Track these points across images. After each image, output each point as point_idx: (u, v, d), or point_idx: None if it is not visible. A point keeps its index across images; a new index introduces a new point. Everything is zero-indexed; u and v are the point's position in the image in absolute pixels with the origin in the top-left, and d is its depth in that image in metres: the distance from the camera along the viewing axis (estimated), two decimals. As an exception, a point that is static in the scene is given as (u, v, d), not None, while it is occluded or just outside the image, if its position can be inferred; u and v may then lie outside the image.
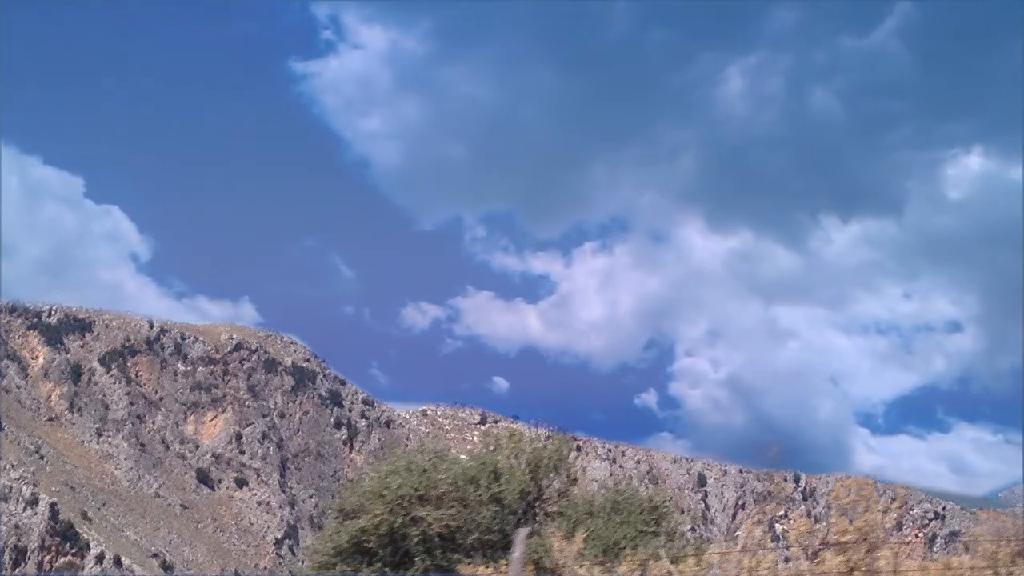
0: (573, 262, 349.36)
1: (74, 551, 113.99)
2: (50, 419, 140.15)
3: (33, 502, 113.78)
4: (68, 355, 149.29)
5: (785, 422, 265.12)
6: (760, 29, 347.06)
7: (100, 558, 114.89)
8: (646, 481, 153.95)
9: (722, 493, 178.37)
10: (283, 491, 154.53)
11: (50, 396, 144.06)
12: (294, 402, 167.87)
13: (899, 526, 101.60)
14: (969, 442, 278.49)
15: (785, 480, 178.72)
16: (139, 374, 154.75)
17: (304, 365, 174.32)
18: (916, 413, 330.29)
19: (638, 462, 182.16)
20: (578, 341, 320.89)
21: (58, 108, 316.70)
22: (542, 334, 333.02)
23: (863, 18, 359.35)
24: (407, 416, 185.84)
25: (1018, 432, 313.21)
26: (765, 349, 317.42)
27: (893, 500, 10.97)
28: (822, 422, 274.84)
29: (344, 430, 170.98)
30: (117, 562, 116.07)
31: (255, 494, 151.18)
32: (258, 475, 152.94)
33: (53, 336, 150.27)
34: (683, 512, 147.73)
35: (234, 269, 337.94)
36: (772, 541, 11.65)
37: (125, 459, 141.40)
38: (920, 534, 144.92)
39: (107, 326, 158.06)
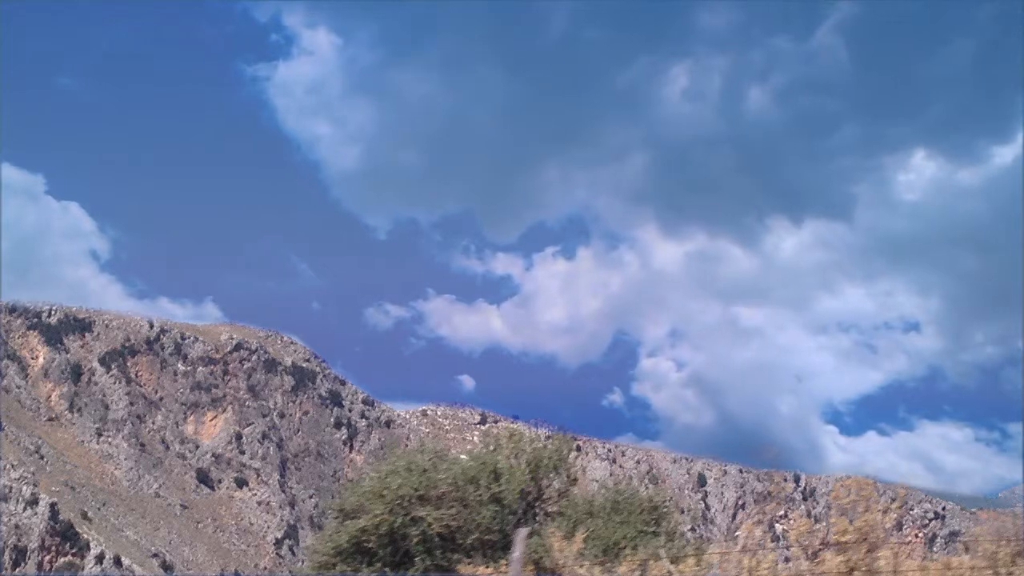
0: (534, 264, 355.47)
1: (74, 551, 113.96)
2: (50, 419, 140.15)
3: (33, 502, 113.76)
4: (68, 355, 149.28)
5: (752, 421, 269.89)
6: (698, 29, 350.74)
7: (100, 558, 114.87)
8: (646, 481, 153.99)
9: (722, 493, 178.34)
10: (283, 491, 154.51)
11: (50, 396, 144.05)
12: (294, 402, 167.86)
13: (899, 526, 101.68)
14: (937, 439, 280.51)
15: (785, 480, 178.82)
16: (139, 374, 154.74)
17: (304, 365, 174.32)
18: (881, 411, 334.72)
19: (638, 462, 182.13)
20: (543, 342, 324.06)
21: (17, 106, 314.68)
22: (506, 335, 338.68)
23: (803, 19, 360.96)
24: (407, 416, 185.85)
25: (987, 430, 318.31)
26: (728, 349, 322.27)
27: (893, 500, 10.97)
28: (790, 420, 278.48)
29: (344, 430, 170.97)
30: (117, 562, 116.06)
31: (255, 494, 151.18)
32: (258, 475, 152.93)
33: (53, 336, 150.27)
34: (683, 512, 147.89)
35: (195, 268, 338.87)
36: (772, 541, 11.66)
37: (125, 459, 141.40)
38: (920, 534, 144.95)
39: (107, 326, 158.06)
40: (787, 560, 10.64)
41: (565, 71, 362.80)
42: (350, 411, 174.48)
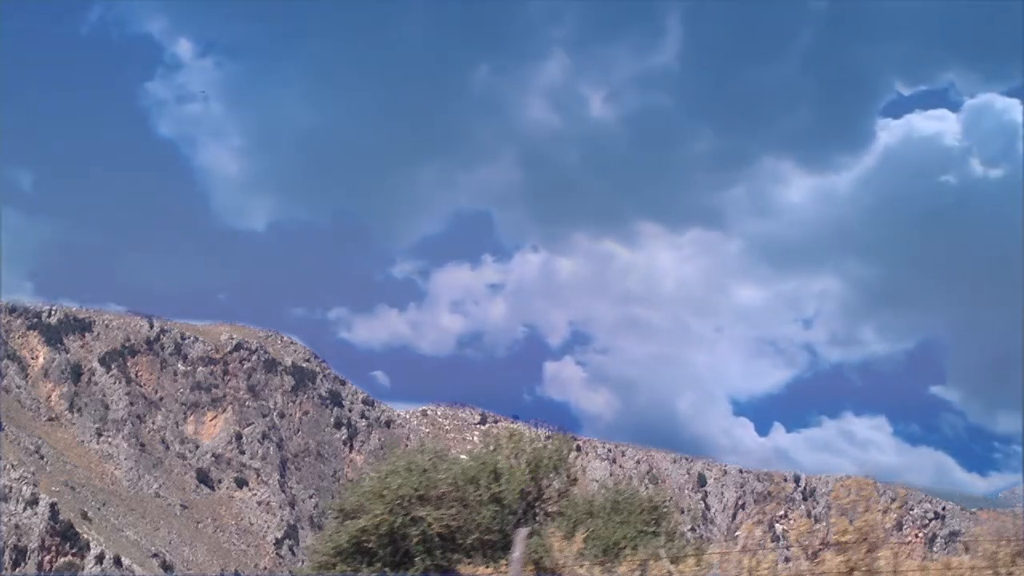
0: (435, 268, 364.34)
1: (74, 551, 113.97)
2: (50, 419, 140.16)
3: (33, 502, 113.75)
4: (68, 355, 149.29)
5: (665, 416, 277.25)
6: (541, 35, 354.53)
7: (100, 558, 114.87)
8: (646, 481, 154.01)
9: (722, 493, 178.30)
10: (283, 491, 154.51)
11: (50, 396, 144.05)
12: (294, 402, 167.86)
13: (899, 526, 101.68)
14: (842, 434, 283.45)
15: (785, 480, 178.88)
16: (139, 374, 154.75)
17: (304, 365, 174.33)
18: (788, 406, 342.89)
19: (638, 462, 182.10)
20: (449, 343, 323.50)
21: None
22: (412, 338, 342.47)
23: (650, 28, 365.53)
24: (407, 416, 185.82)
25: (900, 423, 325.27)
26: (629, 345, 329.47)
27: (893, 500, 10.98)
28: (700, 414, 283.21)
29: (344, 430, 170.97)
30: (117, 562, 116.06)
31: (255, 494, 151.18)
32: (258, 475, 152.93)
33: (53, 336, 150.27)
34: (683, 512, 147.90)
35: (77, 275, 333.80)
36: (772, 541, 11.66)
37: (125, 459, 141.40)
38: (920, 534, 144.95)
39: (107, 326, 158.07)
40: (787, 560, 10.64)
41: (425, 75, 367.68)
42: (350, 411, 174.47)
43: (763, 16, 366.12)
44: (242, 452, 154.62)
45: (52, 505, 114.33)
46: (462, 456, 17.57)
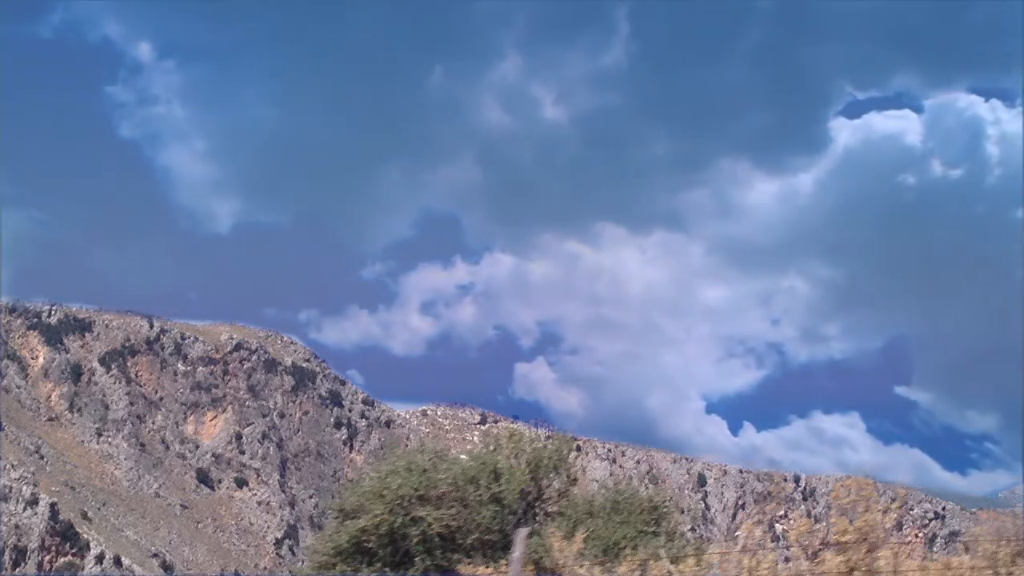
0: (405, 270, 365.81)
1: (74, 551, 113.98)
2: (50, 419, 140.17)
3: (33, 502, 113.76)
4: (68, 355, 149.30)
5: (638, 415, 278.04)
6: (500, 38, 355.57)
7: (100, 558, 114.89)
8: (646, 481, 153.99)
9: (722, 493, 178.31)
10: (283, 491, 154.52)
11: (50, 396, 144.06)
12: (294, 402, 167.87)
13: (899, 526, 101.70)
14: (813, 432, 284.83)
15: (785, 480, 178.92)
16: (139, 374, 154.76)
17: (304, 365, 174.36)
18: (758, 406, 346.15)
19: (638, 462, 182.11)
20: (420, 345, 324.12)
21: None
22: (383, 339, 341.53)
23: (602, 32, 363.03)
24: (407, 416, 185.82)
25: (872, 421, 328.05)
26: (603, 347, 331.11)
27: (893, 500, 10.98)
28: (674, 414, 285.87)
29: (344, 430, 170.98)
30: (117, 562, 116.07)
31: (255, 494, 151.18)
32: (258, 475, 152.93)
33: (53, 336, 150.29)
34: (683, 512, 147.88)
35: (46, 277, 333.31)
36: (772, 541, 11.66)
37: (125, 459, 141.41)
38: (920, 534, 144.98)
39: (107, 326, 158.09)
40: (787, 560, 10.65)
41: (384, 77, 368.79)
42: (350, 411, 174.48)
43: (708, 15, 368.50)
44: (242, 452, 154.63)
45: (52, 505, 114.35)
46: (462, 456, 17.57)
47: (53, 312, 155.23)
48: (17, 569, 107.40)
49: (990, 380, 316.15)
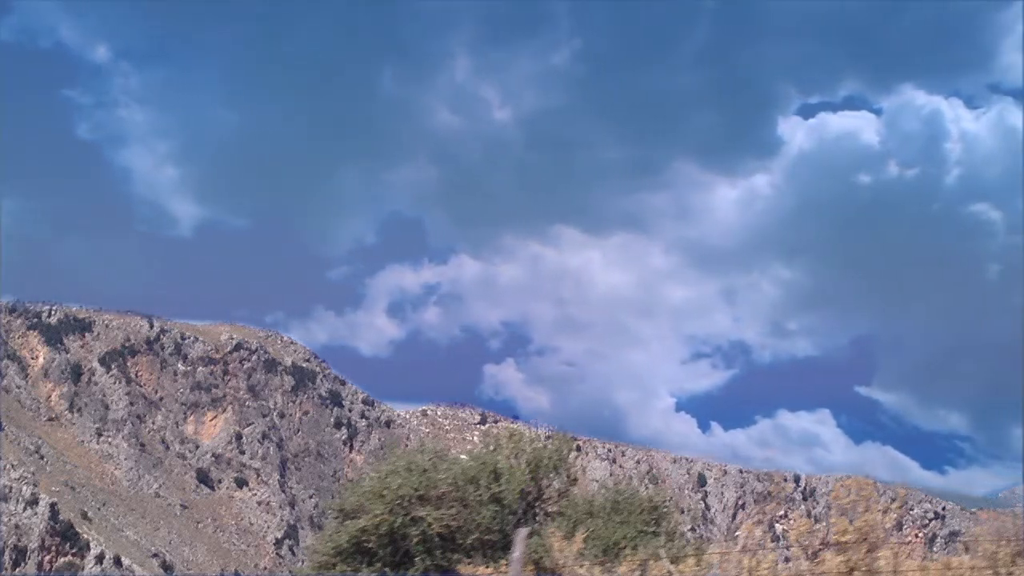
0: (371, 272, 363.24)
1: (74, 551, 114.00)
2: (50, 419, 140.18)
3: (33, 502, 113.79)
4: (68, 355, 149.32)
5: (609, 414, 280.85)
6: (448, 39, 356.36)
7: (100, 558, 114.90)
8: (646, 481, 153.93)
9: (722, 493, 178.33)
10: (283, 491, 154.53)
11: (50, 396, 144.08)
12: (294, 402, 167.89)
13: (899, 526, 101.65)
14: (778, 430, 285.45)
15: (785, 480, 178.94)
16: (139, 374, 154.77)
17: (304, 365, 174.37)
18: (724, 405, 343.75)
19: (638, 462, 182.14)
20: (388, 346, 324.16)
21: None
22: (351, 339, 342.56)
23: (543, 29, 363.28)
24: (407, 416, 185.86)
25: (841, 419, 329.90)
26: (570, 347, 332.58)
27: (893, 500, 10.98)
28: (644, 412, 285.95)
29: (344, 430, 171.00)
30: (117, 562, 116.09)
31: (255, 494, 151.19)
32: (258, 475, 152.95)
33: (53, 336, 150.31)
34: (683, 512, 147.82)
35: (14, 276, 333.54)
36: (772, 541, 11.66)
37: (125, 459, 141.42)
38: (920, 534, 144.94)
39: (107, 326, 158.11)
40: (787, 560, 10.65)
41: (338, 79, 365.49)
42: (350, 411, 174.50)
43: (654, 16, 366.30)
44: (242, 452, 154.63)
45: (52, 505, 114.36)
46: (462, 456, 17.57)
47: (53, 312, 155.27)
48: (17, 569, 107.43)
49: (956, 378, 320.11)
